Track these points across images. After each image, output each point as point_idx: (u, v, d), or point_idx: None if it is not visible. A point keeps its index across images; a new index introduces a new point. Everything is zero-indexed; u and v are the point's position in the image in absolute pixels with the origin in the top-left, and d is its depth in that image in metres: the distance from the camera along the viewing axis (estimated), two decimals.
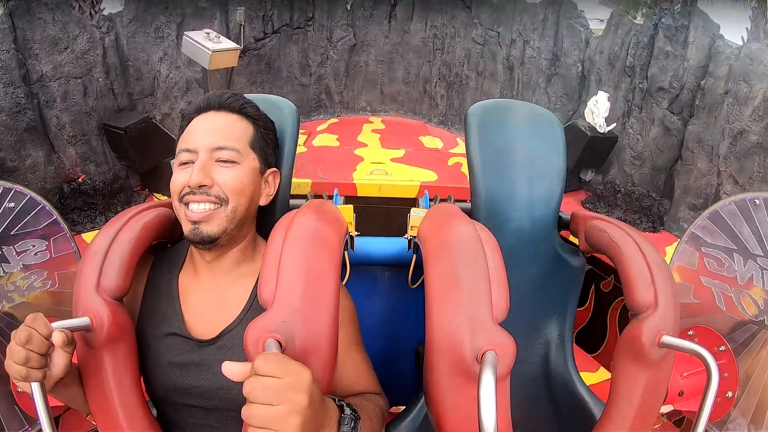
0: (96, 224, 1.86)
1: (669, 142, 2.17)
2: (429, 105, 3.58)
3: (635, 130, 2.30)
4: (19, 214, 1.02)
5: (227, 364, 0.55)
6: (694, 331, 1.10)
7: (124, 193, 2.09)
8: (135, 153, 2.02)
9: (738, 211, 1.03)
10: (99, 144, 2.07)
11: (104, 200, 1.97)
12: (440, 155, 2.83)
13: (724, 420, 1.01)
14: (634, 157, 2.29)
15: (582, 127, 2.27)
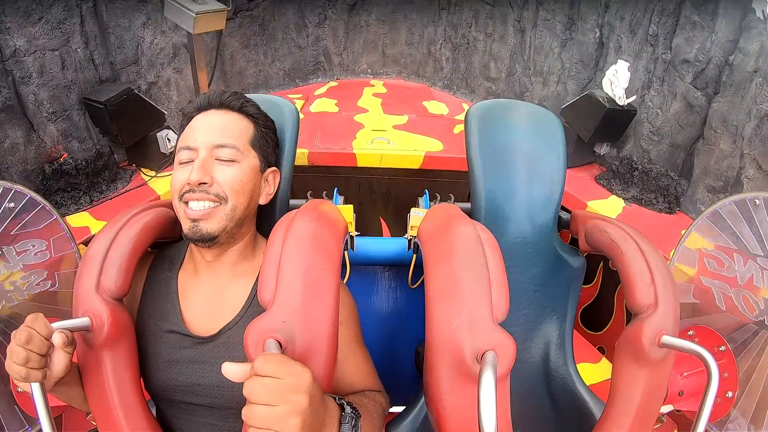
0: (80, 205, 1.75)
1: (691, 119, 2.00)
2: (433, 68, 3.35)
3: (655, 103, 2.13)
4: (19, 214, 1.02)
5: (227, 365, 0.55)
6: (694, 331, 1.10)
7: (109, 170, 1.96)
8: (117, 127, 1.90)
9: (738, 211, 1.03)
10: (81, 119, 1.94)
11: (88, 179, 1.86)
12: (446, 122, 2.68)
13: (724, 420, 1.01)
14: (652, 132, 2.13)
15: (600, 97, 2.12)
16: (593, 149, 2.33)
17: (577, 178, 2.09)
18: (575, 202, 1.95)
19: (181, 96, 2.49)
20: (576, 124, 2.18)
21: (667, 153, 2.09)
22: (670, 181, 2.01)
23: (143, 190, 1.87)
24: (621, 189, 2.09)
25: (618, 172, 2.18)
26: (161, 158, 2.04)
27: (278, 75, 3.18)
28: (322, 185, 2.45)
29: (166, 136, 2.04)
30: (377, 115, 2.74)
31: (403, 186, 2.47)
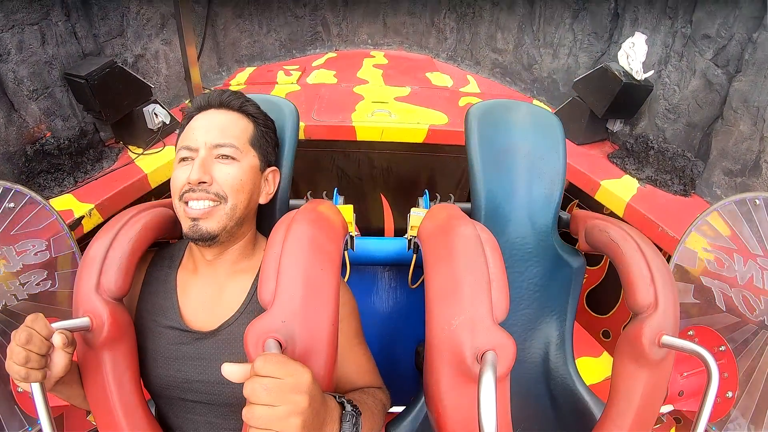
0: (64, 187, 1.64)
1: (710, 97, 1.88)
2: (437, 39, 3.18)
3: (672, 80, 2.01)
4: (19, 214, 1.02)
5: (227, 366, 0.55)
6: (694, 331, 1.10)
7: (94, 149, 1.85)
8: (100, 103, 1.78)
9: (738, 211, 1.03)
10: (64, 96, 1.83)
11: (71, 159, 1.75)
12: (450, 94, 2.55)
13: (724, 420, 1.01)
14: (668, 110, 2.01)
15: (616, 71, 2.00)
16: (606, 126, 2.21)
17: (588, 155, 2.01)
18: (587, 181, 1.87)
19: (170, 69, 2.35)
20: (589, 98, 2.07)
21: (683, 132, 1.97)
22: (687, 162, 1.89)
23: (130, 168, 1.78)
24: (635, 168, 1.98)
25: (632, 150, 2.05)
26: (149, 134, 1.94)
27: (274, 46, 3.02)
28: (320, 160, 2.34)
29: (153, 111, 1.94)
30: (378, 87, 2.61)
31: (405, 161, 2.40)
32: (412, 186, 2.52)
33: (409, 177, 2.49)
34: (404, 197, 2.57)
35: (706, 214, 1.08)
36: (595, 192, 1.82)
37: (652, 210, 1.63)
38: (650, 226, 1.57)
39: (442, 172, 2.43)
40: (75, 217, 1.47)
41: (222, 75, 2.71)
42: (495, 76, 2.85)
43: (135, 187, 1.71)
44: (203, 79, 2.49)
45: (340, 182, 2.51)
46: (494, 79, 2.81)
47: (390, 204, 2.63)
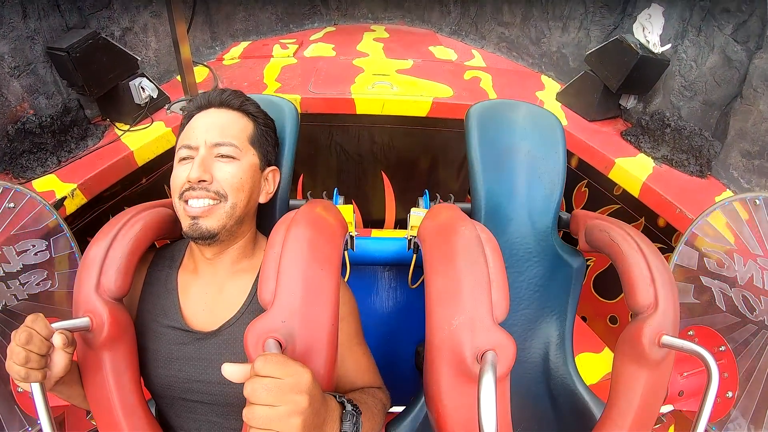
0: (47, 167, 1.55)
1: (728, 74, 1.78)
2: (440, 13, 3.06)
3: (689, 55, 1.91)
4: (19, 214, 1.02)
5: (227, 366, 0.55)
6: (694, 331, 1.10)
7: (78, 126, 1.75)
8: (83, 77, 1.68)
9: (738, 211, 1.03)
10: (48, 72, 1.72)
11: (54, 138, 1.66)
12: (454, 67, 2.46)
13: (724, 420, 1.01)
14: (684, 87, 1.91)
15: (632, 43, 1.89)
16: (618, 102, 2.11)
17: (601, 132, 1.94)
18: (600, 159, 1.80)
19: (160, 42, 2.25)
20: (603, 72, 1.97)
21: (700, 111, 1.88)
22: (704, 142, 1.79)
23: (115, 146, 1.69)
24: (650, 147, 1.88)
25: (647, 128, 1.95)
26: (136, 110, 1.86)
27: (270, 20, 2.93)
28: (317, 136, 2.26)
29: (139, 85, 1.85)
30: (379, 59, 2.52)
31: (407, 136, 2.28)
32: (414, 163, 2.40)
33: (411, 153, 2.36)
34: (406, 175, 2.46)
35: (707, 214, 1.08)
36: (609, 170, 1.74)
37: (669, 190, 1.56)
38: (668, 207, 1.51)
39: (446, 148, 2.31)
40: (57, 198, 1.40)
41: (215, 50, 2.60)
42: (501, 50, 2.73)
43: (120, 166, 1.63)
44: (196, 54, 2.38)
45: (339, 159, 2.39)
46: (500, 54, 2.69)
47: (391, 182, 2.51)
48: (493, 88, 2.22)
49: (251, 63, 2.42)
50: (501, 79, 2.34)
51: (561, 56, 2.45)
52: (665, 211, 1.53)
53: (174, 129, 1.81)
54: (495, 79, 2.32)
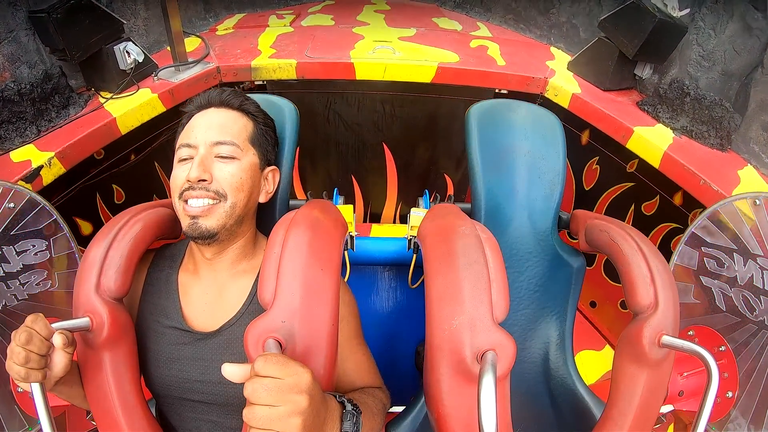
0: (26, 138, 1.46)
1: (749, 43, 1.67)
2: None
3: (707, 23, 1.79)
4: (19, 214, 1.02)
5: (227, 366, 0.55)
6: (694, 331, 1.10)
7: (60, 95, 1.64)
8: (65, 40, 1.58)
9: (738, 211, 1.03)
10: (31, 40, 1.62)
11: (34, 107, 1.55)
12: (460, 36, 2.34)
13: (724, 420, 1.01)
14: (702, 56, 1.80)
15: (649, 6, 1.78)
16: (634, 72, 2.00)
17: (616, 102, 1.84)
18: (617, 128, 1.71)
19: (150, 11, 2.14)
20: (618, 38, 1.86)
21: (719, 82, 1.77)
22: (724, 113, 1.69)
23: (98, 113, 1.59)
24: (669, 117, 1.77)
25: (665, 97, 1.82)
26: (121, 77, 1.75)
27: None
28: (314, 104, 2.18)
29: (125, 50, 1.73)
30: (380, 28, 2.40)
31: (410, 105, 2.17)
32: (418, 134, 2.29)
33: (414, 123, 2.24)
34: (409, 147, 2.34)
35: (707, 213, 1.08)
36: (627, 140, 1.66)
37: (691, 162, 1.48)
38: (690, 179, 1.43)
39: (452, 117, 2.20)
40: (32, 167, 1.31)
41: (209, 21, 2.52)
42: (507, 23, 2.64)
43: (102, 133, 1.53)
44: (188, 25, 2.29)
45: (337, 130, 2.27)
46: (506, 27, 2.61)
47: (393, 155, 2.38)
48: (501, 56, 2.11)
49: (245, 32, 2.33)
50: (509, 48, 2.23)
51: (571, 27, 2.34)
52: (688, 183, 1.44)
53: (161, 96, 1.73)
54: (503, 48, 2.21)
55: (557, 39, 2.42)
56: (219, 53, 2.04)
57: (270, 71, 1.97)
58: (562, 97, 1.91)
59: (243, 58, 1.98)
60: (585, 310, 2.06)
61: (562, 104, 1.90)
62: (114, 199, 1.75)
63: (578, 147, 1.97)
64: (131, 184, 1.80)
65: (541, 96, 1.98)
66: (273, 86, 2.03)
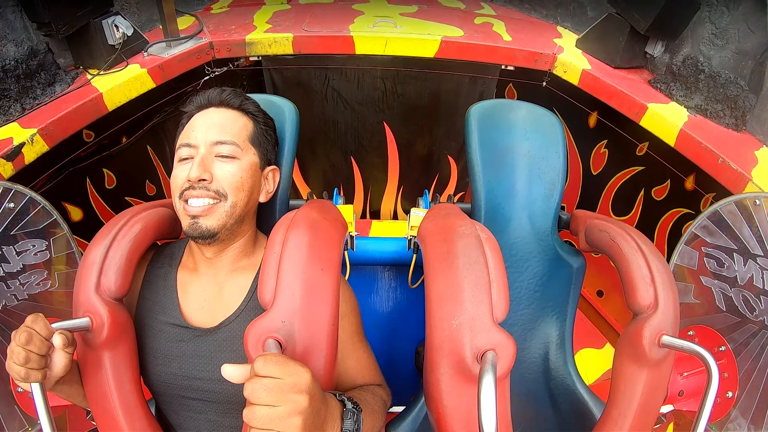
0: (10, 116, 1.41)
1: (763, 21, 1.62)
2: None
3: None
4: (19, 214, 1.02)
5: (226, 367, 0.55)
6: (694, 331, 1.10)
7: (46, 71, 1.59)
8: (50, 13, 1.51)
9: (738, 211, 1.03)
10: (17, 18, 1.56)
11: (18, 84, 1.50)
12: (463, 14, 2.27)
13: (724, 420, 1.01)
14: (714, 34, 1.73)
15: None
16: (645, 50, 1.93)
17: (627, 79, 1.77)
18: (630, 104, 1.63)
19: None
20: (629, 12, 1.79)
21: (732, 61, 1.71)
22: (740, 92, 1.62)
23: (84, 90, 1.52)
24: (683, 95, 1.69)
25: (679, 74, 1.75)
26: (109, 53, 1.67)
27: None
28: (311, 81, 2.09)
29: (113, 23, 1.67)
30: (380, 4, 2.32)
31: (413, 81, 2.09)
32: (421, 113, 2.20)
33: (417, 101, 2.16)
34: (411, 127, 2.26)
35: (707, 213, 1.08)
36: (640, 117, 1.59)
37: (708, 140, 1.42)
38: (708, 158, 1.37)
39: (456, 95, 2.13)
40: (14, 144, 1.26)
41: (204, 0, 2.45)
42: (512, 3, 2.58)
43: (87, 109, 1.46)
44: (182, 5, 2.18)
45: (336, 108, 2.18)
46: (511, 6, 2.55)
47: (394, 135, 2.29)
48: (507, 32, 2.06)
49: (241, 10, 2.27)
50: (515, 25, 2.17)
51: (578, 6, 2.28)
52: (705, 162, 1.38)
53: (151, 71, 1.66)
54: (508, 25, 2.15)
55: (564, 18, 2.35)
56: (213, 30, 1.96)
57: (265, 46, 1.90)
58: (571, 74, 1.83)
59: (237, 34, 1.92)
60: (592, 299, 2.02)
61: (572, 81, 1.83)
62: (105, 184, 1.70)
63: (586, 130, 1.91)
64: (123, 169, 1.75)
65: (550, 73, 1.91)
66: (268, 62, 1.97)
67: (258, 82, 2.08)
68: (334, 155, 2.36)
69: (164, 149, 1.98)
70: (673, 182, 1.63)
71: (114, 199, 1.74)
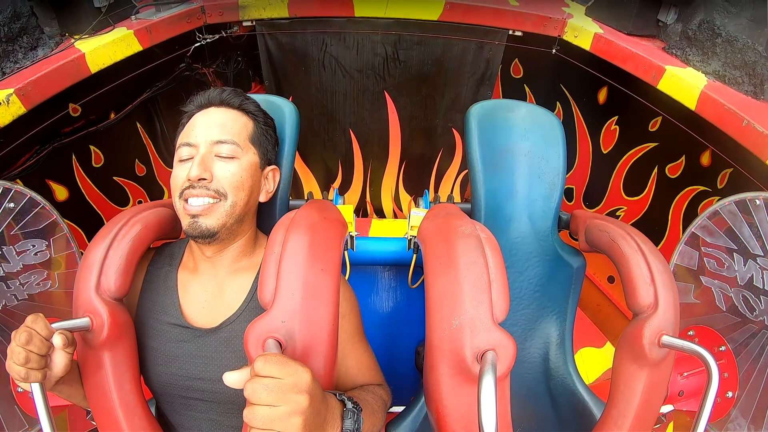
0: None
1: None
2: None
3: None
4: (19, 214, 1.02)
5: (228, 375, 0.55)
6: (694, 331, 1.10)
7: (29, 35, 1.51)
8: None
9: (738, 211, 1.03)
10: None
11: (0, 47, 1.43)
12: None
13: (724, 420, 1.01)
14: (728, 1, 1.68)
15: None
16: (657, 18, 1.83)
17: (641, 44, 1.67)
18: (647, 67, 1.54)
19: None
20: None
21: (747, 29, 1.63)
22: (758, 58, 1.56)
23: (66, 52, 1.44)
24: (699, 60, 1.61)
25: (695, 39, 1.66)
26: (95, 15, 1.60)
27: None
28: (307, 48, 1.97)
29: None
30: None
31: (416, 47, 1.98)
32: (424, 81, 2.09)
33: (420, 68, 2.05)
34: (413, 97, 2.15)
35: (707, 214, 1.08)
36: (658, 80, 1.52)
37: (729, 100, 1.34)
38: (731, 120, 1.29)
39: (460, 62, 2.02)
40: None
41: None
42: None
43: (68, 70, 1.38)
44: None
45: (334, 76, 2.08)
46: None
47: (395, 105, 2.17)
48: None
49: None
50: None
51: None
52: (728, 125, 1.30)
53: (137, 33, 1.58)
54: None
55: None
56: None
57: (259, 9, 1.82)
58: (582, 39, 1.74)
59: None
60: (602, 285, 1.97)
61: (583, 46, 1.74)
62: (92, 162, 1.63)
63: (595, 107, 1.85)
64: (111, 146, 1.67)
65: (560, 40, 1.83)
66: (263, 26, 1.87)
67: (253, 56, 1.98)
68: (331, 129, 2.24)
69: (155, 127, 1.90)
70: (688, 158, 1.56)
71: (101, 178, 1.66)
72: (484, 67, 2.02)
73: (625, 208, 1.84)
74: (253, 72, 2.15)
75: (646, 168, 1.72)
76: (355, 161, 2.33)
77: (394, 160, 2.35)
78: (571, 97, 1.99)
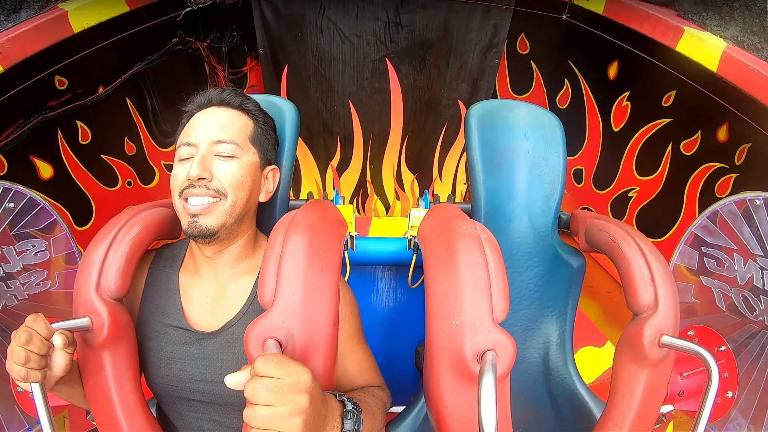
0: None
1: None
2: None
3: None
4: (19, 214, 1.02)
5: (230, 378, 0.55)
6: (694, 331, 1.10)
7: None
8: None
9: (738, 211, 1.03)
10: None
11: None
12: None
13: (724, 420, 1.01)
14: None
15: None
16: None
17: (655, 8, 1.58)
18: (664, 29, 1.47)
19: None
20: None
21: None
22: None
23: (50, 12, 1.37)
24: (717, 25, 1.55)
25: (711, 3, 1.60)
26: None
27: None
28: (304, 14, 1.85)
29: None
30: None
31: (420, 10, 1.87)
32: (427, 48, 1.98)
33: (424, 34, 1.93)
34: (417, 65, 2.03)
35: (706, 214, 1.08)
36: (676, 42, 1.45)
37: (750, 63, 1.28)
38: (754, 80, 1.24)
39: (467, 28, 1.92)
40: None
41: None
42: None
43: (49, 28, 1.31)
44: None
45: (332, 43, 1.96)
46: None
47: (398, 73, 2.05)
48: None
49: None
50: None
51: None
52: (752, 85, 1.25)
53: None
54: None
55: None
56: None
57: None
58: (595, 2, 1.65)
59: None
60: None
61: (596, 10, 1.65)
62: (79, 138, 1.57)
63: (605, 82, 1.76)
64: (99, 122, 1.61)
65: (570, 4, 1.74)
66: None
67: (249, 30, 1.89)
68: (329, 99, 2.11)
69: (145, 104, 1.82)
70: (704, 134, 1.48)
71: (88, 156, 1.60)
72: (492, 34, 1.92)
73: (637, 188, 1.76)
74: (249, 47, 2.05)
75: (660, 145, 1.64)
76: (354, 136, 2.23)
77: (396, 134, 2.22)
78: (579, 73, 1.89)
